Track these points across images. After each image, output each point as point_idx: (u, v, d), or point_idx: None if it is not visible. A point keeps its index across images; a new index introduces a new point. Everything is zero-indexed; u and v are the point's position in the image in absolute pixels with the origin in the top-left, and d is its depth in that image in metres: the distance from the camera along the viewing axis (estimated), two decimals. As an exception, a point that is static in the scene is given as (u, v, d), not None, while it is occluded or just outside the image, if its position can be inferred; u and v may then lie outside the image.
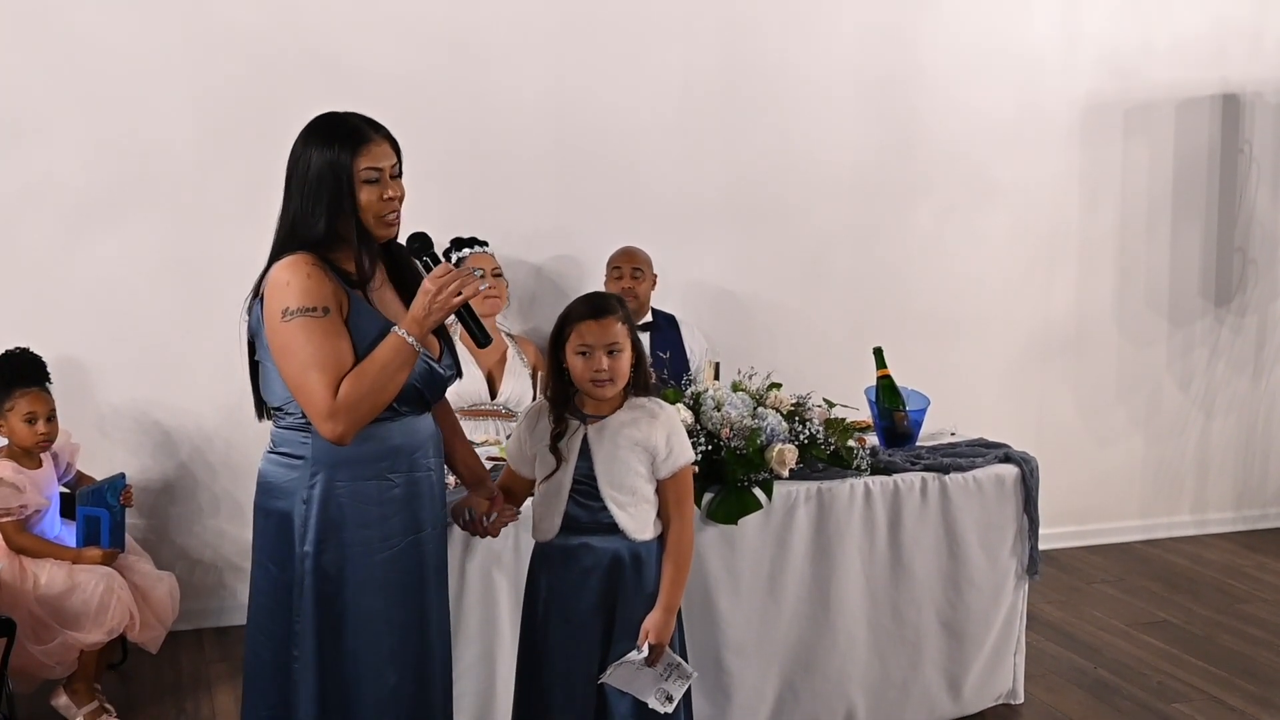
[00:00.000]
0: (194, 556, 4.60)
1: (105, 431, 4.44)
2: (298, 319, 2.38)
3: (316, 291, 2.40)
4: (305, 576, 2.48)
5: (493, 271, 4.46)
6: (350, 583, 2.49)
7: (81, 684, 3.77)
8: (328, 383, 2.37)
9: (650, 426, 2.69)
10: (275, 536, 2.53)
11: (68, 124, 4.34)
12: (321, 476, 2.48)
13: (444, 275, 2.45)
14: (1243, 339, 5.97)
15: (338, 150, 2.45)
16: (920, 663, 3.75)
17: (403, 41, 4.64)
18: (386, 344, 2.44)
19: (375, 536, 2.52)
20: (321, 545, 2.48)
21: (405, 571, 2.58)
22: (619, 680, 2.69)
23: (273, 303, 2.42)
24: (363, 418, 2.42)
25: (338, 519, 2.48)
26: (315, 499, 2.48)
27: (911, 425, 3.95)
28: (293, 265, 2.43)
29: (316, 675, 2.49)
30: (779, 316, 5.22)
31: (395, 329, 2.45)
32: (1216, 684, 4.16)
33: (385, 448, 2.52)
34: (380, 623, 2.54)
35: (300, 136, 2.52)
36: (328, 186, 2.46)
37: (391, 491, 2.54)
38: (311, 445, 2.47)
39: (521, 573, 2.96)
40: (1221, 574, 5.36)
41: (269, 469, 2.56)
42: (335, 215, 2.47)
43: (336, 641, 2.50)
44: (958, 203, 5.43)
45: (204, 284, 4.41)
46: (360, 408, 2.40)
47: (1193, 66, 5.68)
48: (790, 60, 5.12)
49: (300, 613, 2.48)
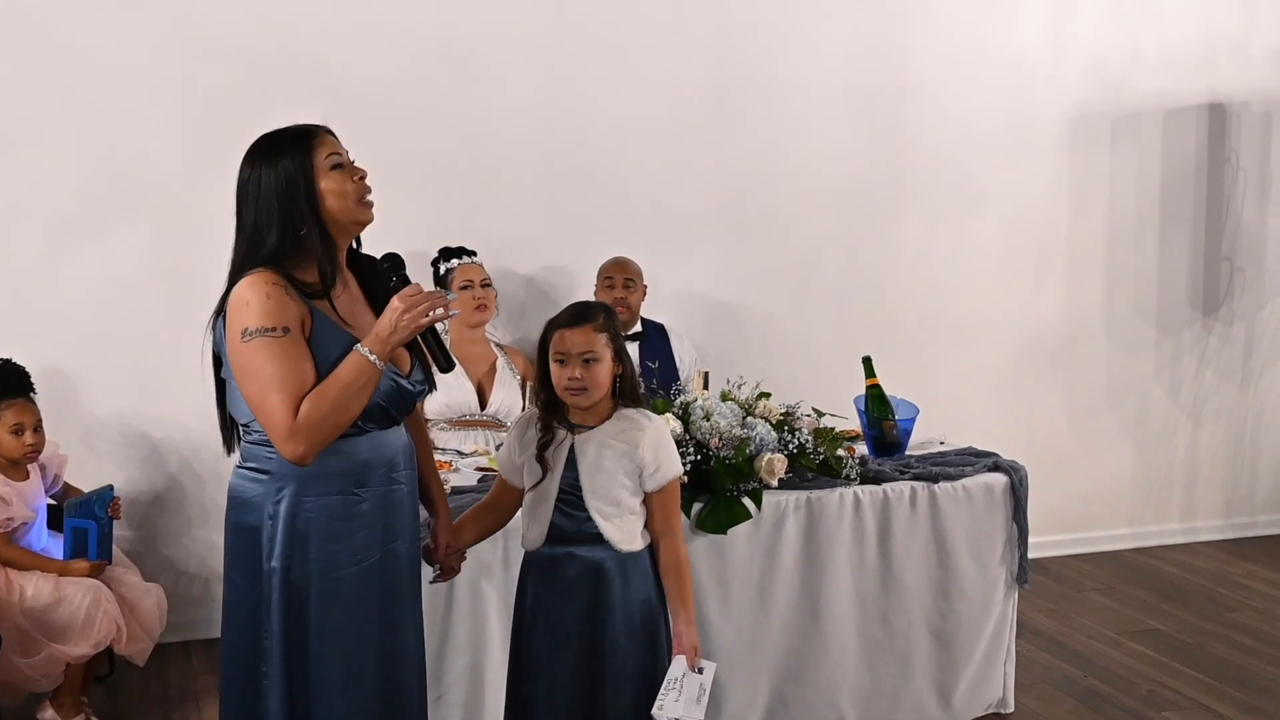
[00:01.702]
0: (181, 568, 4.59)
1: (92, 443, 4.42)
2: (257, 339, 2.34)
3: (277, 311, 2.36)
4: (273, 592, 2.45)
5: (481, 282, 4.45)
6: (318, 598, 2.45)
7: (68, 697, 3.75)
8: (288, 403, 2.33)
9: (638, 439, 2.68)
10: (244, 552, 2.50)
11: (53, 134, 4.33)
12: (288, 491, 2.44)
13: (414, 294, 2.42)
14: (1230, 347, 5.98)
15: (290, 155, 2.43)
16: (910, 672, 3.75)
17: (390, 51, 4.63)
18: (348, 363, 2.38)
19: (343, 551, 2.47)
20: (289, 560, 2.44)
21: (376, 586, 2.53)
22: (672, 709, 2.62)
23: (233, 323, 2.38)
24: (324, 438, 2.37)
25: (305, 534, 2.44)
26: (282, 514, 2.44)
27: (901, 434, 3.96)
28: (252, 284, 2.39)
29: (284, 691, 2.45)
30: (768, 326, 5.23)
31: (358, 347, 2.40)
32: (1206, 692, 4.16)
33: (353, 463, 2.48)
34: (350, 638, 2.50)
35: (244, 163, 2.49)
36: (282, 196, 2.42)
37: (359, 506, 2.49)
38: (278, 460, 2.43)
39: (510, 583, 2.95)
40: (1211, 582, 5.37)
41: (238, 484, 2.54)
42: (291, 224, 2.43)
43: (304, 657, 2.46)
44: (946, 212, 5.44)
45: (191, 294, 4.32)
46: (321, 428, 2.36)
47: (1180, 76, 5.70)
48: (779, 70, 5.13)
49: (268, 629, 2.45)
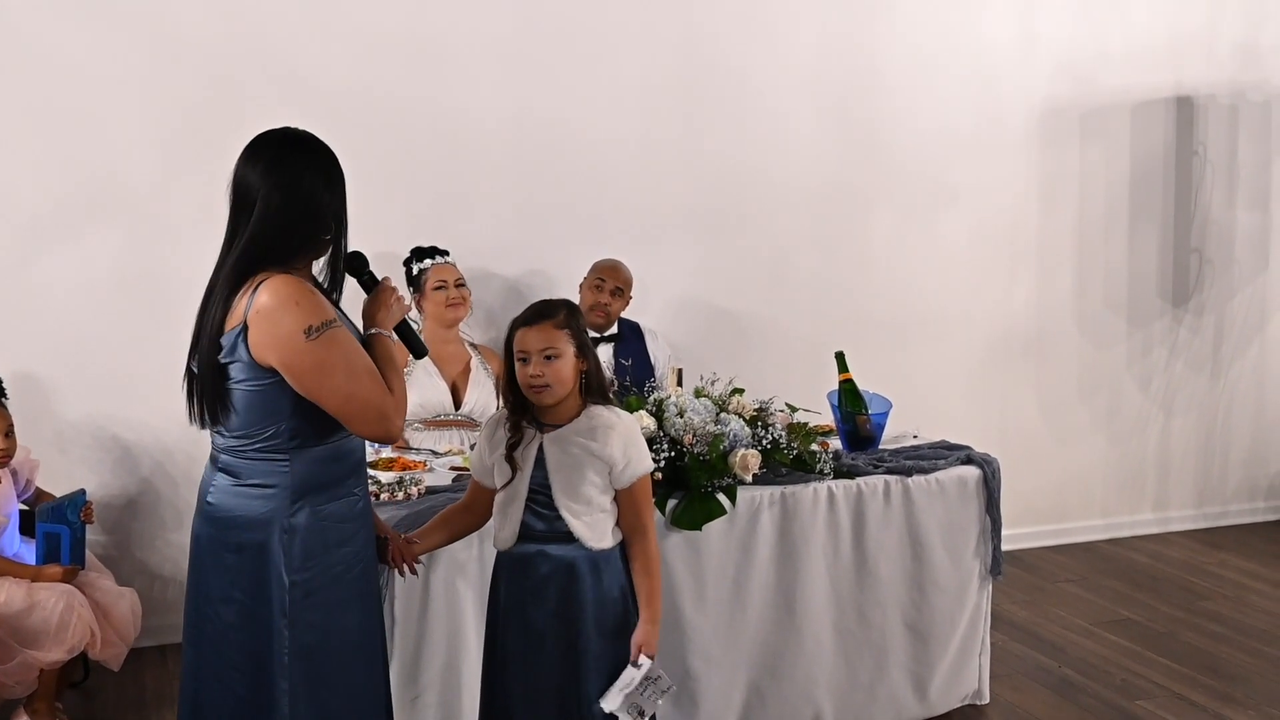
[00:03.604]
0: (155, 572, 4.56)
1: (64, 448, 4.39)
2: (325, 333, 2.36)
3: (324, 306, 2.41)
4: (293, 606, 2.44)
5: (455, 282, 4.45)
6: (335, 602, 2.49)
7: (42, 703, 3.73)
8: (381, 385, 2.42)
9: (606, 437, 2.68)
10: (248, 569, 2.45)
11: (24, 138, 4.30)
12: (304, 502, 2.44)
13: (393, 288, 2.61)
14: (1201, 339, 6.04)
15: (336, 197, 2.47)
16: (886, 665, 3.77)
17: (362, 53, 4.62)
18: (385, 344, 2.53)
19: (351, 553, 2.53)
20: (308, 571, 2.45)
21: (372, 581, 2.62)
22: (612, 703, 2.68)
23: (286, 324, 2.34)
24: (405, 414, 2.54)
25: (323, 541, 2.47)
26: (300, 526, 2.43)
27: (874, 428, 3.97)
28: (288, 285, 2.37)
29: (309, 700, 2.47)
30: (741, 323, 5.24)
31: (380, 331, 2.54)
32: (1180, 681, 4.19)
33: (350, 464, 2.53)
34: (364, 637, 2.58)
35: (289, 151, 2.44)
36: (321, 223, 2.45)
37: (357, 506, 2.55)
38: (290, 471, 2.42)
39: (485, 582, 2.95)
40: (1184, 571, 5.42)
41: (231, 502, 2.46)
42: (317, 244, 2.48)
43: (325, 664, 2.49)
44: (917, 208, 5.47)
45: (162, 298, 4.37)
46: (404, 404, 2.50)
47: (1147, 70, 5.75)
48: (749, 70, 5.14)
49: (291, 641, 2.44)
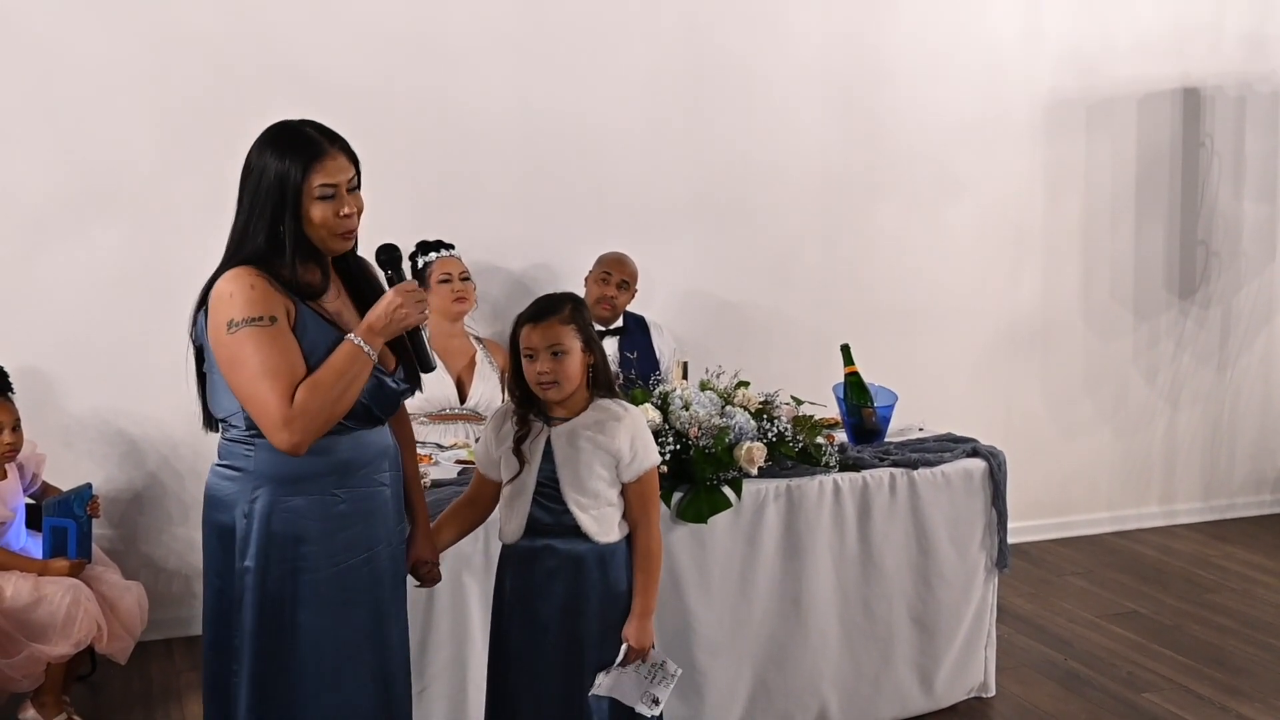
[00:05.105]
0: (161, 565, 4.57)
1: (70, 442, 4.40)
2: (244, 329, 2.31)
3: (261, 301, 2.33)
4: (244, 591, 2.41)
5: (460, 275, 4.45)
6: (291, 599, 2.42)
7: (49, 696, 3.74)
8: (281, 391, 2.30)
9: (614, 430, 2.68)
10: (217, 549, 2.47)
11: (28, 133, 4.30)
12: (263, 490, 2.41)
13: (412, 290, 2.42)
14: (1207, 331, 6.02)
15: (289, 165, 2.37)
16: (892, 658, 3.77)
17: (366, 47, 4.62)
18: (341, 351, 2.37)
19: (320, 553, 2.43)
20: (263, 560, 2.41)
21: (355, 589, 2.49)
22: (607, 689, 2.70)
23: (216, 317, 2.35)
24: (319, 427, 2.34)
25: (279, 534, 2.41)
26: (256, 513, 2.41)
27: (879, 421, 3.97)
28: (235, 277, 2.36)
29: (253, 691, 2.42)
30: (747, 316, 5.23)
31: (350, 337, 2.38)
32: (1186, 673, 4.19)
33: (331, 462, 2.44)
34: (325, 641, 2.46)
35: (255, 145, 2.44)
36: (272, 200, 2.38)
37: (337, 508, 2.45)
38: (254, 458, 2.41)
39: (491, 576, 2.95)
40: (1190, 564, 5.41)
41: (214, 481, 2.51)
42: (278, 229, 2.39)
43: (275, 658, 2.43)
44: (923, 200, 5.46)
45: (167, 292, 4.35)
46: (317, 417, 2.33)
47: (1154, 61, 5.73)
48: (754, 62, 5.13)
49: (239, 627, 2.42)
